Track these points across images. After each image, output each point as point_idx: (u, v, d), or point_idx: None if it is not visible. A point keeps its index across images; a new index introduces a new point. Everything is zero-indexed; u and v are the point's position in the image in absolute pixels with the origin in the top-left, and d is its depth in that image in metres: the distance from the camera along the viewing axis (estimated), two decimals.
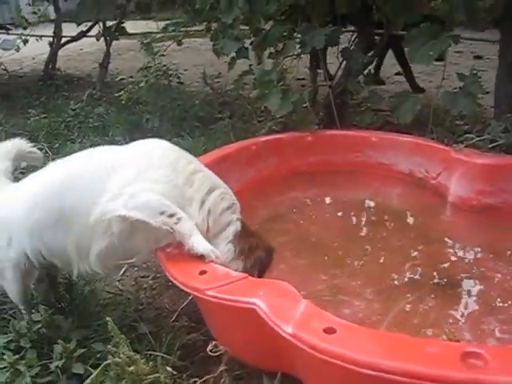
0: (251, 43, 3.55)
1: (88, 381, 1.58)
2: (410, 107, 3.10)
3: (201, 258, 1.79)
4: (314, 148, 3.20)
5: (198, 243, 1.80)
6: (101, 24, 5.18)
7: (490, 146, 2.96)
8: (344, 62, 3.84)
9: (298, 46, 3.35)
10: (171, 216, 1.81)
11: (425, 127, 3.27)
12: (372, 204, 3.03)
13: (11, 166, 2.31)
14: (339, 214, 2.98)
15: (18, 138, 2.75)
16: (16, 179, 2.35)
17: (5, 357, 1.82)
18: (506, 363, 1.28)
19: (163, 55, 4.33)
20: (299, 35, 3.33)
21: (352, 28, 4.19)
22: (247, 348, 1.78)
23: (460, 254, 2.53)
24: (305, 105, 3.22)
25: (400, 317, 2.10)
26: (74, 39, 5.79)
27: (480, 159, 2.72)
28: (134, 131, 4.20)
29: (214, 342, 1.63)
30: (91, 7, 4.63)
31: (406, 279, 2.35)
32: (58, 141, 3.96)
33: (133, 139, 4.08)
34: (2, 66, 5.41)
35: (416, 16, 3.27)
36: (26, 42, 4.50)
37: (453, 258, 2.49)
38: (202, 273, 1.72)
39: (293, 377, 1.70)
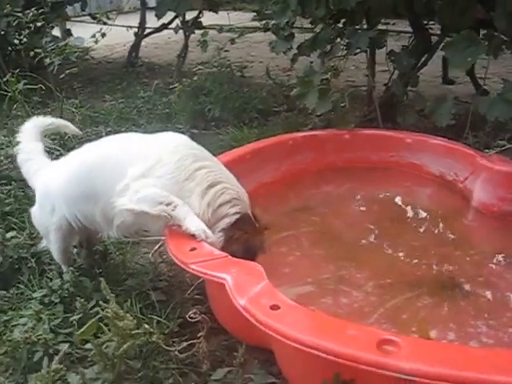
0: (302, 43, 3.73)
1: (82, 329, 1.86)
2: (446, 111, 3.17)
3: (194, 237, 2.03)
4: (351, 145, 3.34)
5: (191, 224, 2.04)
6: (181, 17, 5.51)
7: None
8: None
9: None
10: (168, 204, 2.06)
11: (471, 130, 3.31)
12: (400, 203, 3.13)
13: (42, 145, 2.64)
14: (366, 209, 3.10)
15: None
16: None
17: (32, 306, 2.17)
18: (415, 352, 1.41)
19: (223, 49, 4.56)
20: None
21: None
22: (228, 321, 2.01)
23: (470, 257, 2.58)
24: (343, 104, 3.35)
25: (391, 311, 2.21)
26: (156, 30, 6.19)
27: (503, 166, 2.76)
28: (197, 120, 4.50)
29: (194, 309, 1.85)
30: (170, 1, 4.96)
31: (410, 277, 2.44)
32: (126, 125, 4.33)
33: (194, 127, 4.41)
34: (90, 53, 5.90)
35: (470, 21, 3.32)
36: (103, 35, 4.94)
37: (462, 261, 2.55)
38: (192, 249, 1.96)
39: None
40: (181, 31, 5.63)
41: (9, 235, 2.65)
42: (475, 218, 2.85)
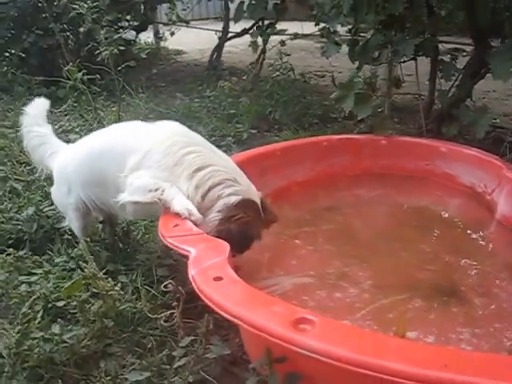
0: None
1: (66, 286, 2.08)
2: (484, 123, 3.12)
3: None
4: (388, 152, 3.36)
5: (177, 203, 2.13)
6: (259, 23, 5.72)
7: None
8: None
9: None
10: (157, 190, 2.17)
11: None
12: (427, 211, 3.10)
13: (50, 127, 2.81)
14: (391, 214, 3.10)
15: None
16: None
17: (45, 268, 2.44)
18: (327, 333, 1.45)
19: (286, 54, 4.71)
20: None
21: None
22: None
23: (479, 268, 2.52)
24: (380, 110, 3.37)
25: (380, 309, 2.22)
26: (237, 35, 6.45)
27: None
28: (260, 121, 4.68)
29: (168, 281, 2.00)
30: (246, 8, 5.20)
31: (410, 280, 2.44)
32: (188, 121, 4.56)
33: (256, 128, 4.57)
34: (182, 56, 6.27)
35: None
36: (172, 34, 5.27)
37: (469, 270, 2.51)
38: (176, 226, 2.09)
39: None
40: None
41: (47, 208, 2.95)
42: (496, 230, 2.78)
